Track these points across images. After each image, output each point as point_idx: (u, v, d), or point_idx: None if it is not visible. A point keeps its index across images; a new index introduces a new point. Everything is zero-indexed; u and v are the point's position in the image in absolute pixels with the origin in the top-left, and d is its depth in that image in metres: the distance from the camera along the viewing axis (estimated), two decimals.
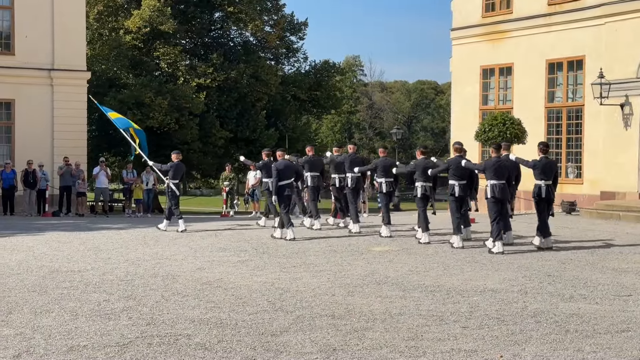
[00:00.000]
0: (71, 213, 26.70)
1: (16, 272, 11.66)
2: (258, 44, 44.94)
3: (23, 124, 29.50)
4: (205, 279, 11.10)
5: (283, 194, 16.66)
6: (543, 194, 14.87)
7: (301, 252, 14.34)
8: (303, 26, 46.43)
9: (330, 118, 75.54)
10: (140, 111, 35.91)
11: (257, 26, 42.62)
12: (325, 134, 79.94)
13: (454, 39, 28.99)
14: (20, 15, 29.46)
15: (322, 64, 46.57)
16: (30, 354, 6.79)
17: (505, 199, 14.74)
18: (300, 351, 6.98)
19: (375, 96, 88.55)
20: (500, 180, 14.41)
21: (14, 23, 29.52)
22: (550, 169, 15.02)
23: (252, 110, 41.39)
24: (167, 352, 6.90)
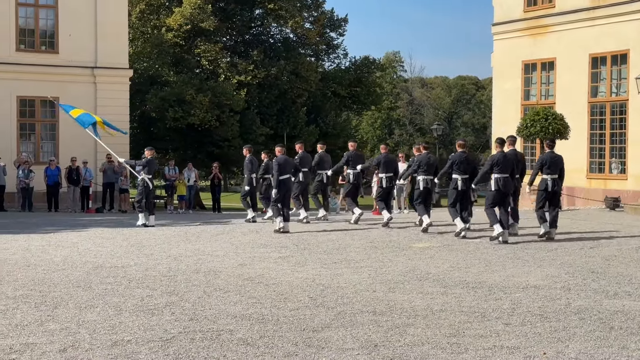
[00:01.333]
0: (114, 209, 27.00)
1: (61, 268, 11.82)
2: (298, 41, 45.02)
3: (67, 122, 29.85)
4: (246, 275, 11.15)
5: (283, 188, 17.30)
6: (549, 188, 15.37)
7: (342, 248, 14.35)
8: (343, 22, 46.40)
9: (370, 114, 75.38)
10: (182, 108, 36.18)
11: (297, 23, 42.69)
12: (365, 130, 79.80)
13: (495, 34, 28.76)
14: (64, 14, 29.86)
15: (362, 60, 46.49)
16: (75, 348, 6.88)
17: (509, 191, 15.31)
18: (342, 347, 6.99)
19: (415, 92, 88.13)
20: (504, 174, 15.08)
21: (57, 22, 29.92)
22: (556, 164, 15.48)
23: (292, 107, 41.48)
24: (209, 347, 6.95)
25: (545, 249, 13.84)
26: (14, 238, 16.12)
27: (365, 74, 45.84)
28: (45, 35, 30.26)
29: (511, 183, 15.27)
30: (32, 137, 30.23)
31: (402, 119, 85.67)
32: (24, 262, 12.42)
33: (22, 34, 29.79)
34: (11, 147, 28.57)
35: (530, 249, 13.88)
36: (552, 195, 15.51)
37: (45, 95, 29.47)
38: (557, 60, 26.52)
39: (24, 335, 7.35)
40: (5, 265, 12.04)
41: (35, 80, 29.35)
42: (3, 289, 9.90)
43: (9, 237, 16.39)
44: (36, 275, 11.05)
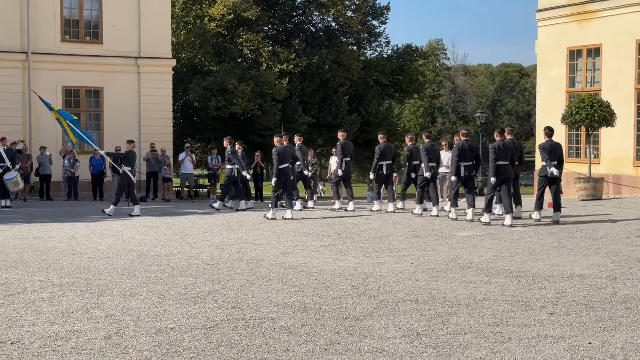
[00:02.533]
0: (158, 198, 27.23)
1: (106, 256, 11.96)
2: (340, 29, 44.90)
3: (111, 111, 30.23)
4: (288, 264, 11.18)
5: (283, 177, 17.89)
6: (549, 175, 16.18)
7: (384, 237, 14.31)
8: (385, 10, 46.17)
9: (413, 102, 74.98)
10: (224, 97, 36.33)
11: (339, 11, 42.58)
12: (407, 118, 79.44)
13: (539, 20, 28.37)
14: (108, 4, 30.12)
15: (405, 48, 46.26)
16: (120, 335, 6.95)
17: (509, 177, 16.09)
18: (384, 336, 6.97)
19: (458, 80, 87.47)
20: (504, 161, 15.94)
21: (102, 13, 30.19)
22: (555, 151, 16.32)
23: (334, 96, 41.42)
24: (252, 335, 6.97)
25: (590, 238, 13.66)
26: (60, 226, 16.35)
27: (407, 62, 45.62)
28: (89, 26, 30.56)
29: (511, 169, 16.11)
30: None
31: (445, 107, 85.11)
32: (70, 250, 12.59)
33: (67, 25, 30.12)
34: (57, 137, 28.93)
35: (575, 238, 13.71)
36: (553, 181, 16.25)
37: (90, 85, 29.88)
38: (603, 47, 26.09)
39: (69, 322, 7.44)
40: (52, 253, 12.21)
41: (80, 70, 29.69)
42: (49, 276, 10.04)
43: (55, 225, 16.63)
44: (81, 263, 11.20)
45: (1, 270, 10.50)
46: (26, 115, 29.03)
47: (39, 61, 29.17)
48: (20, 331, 7.06)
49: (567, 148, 25.82)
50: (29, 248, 12.87)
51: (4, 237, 14.33)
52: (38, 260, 11.51)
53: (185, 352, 6.40)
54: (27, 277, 9.94)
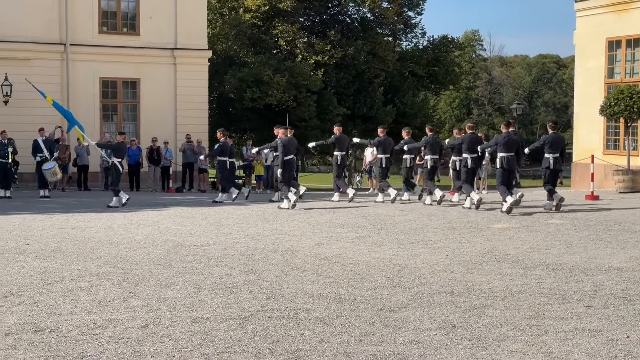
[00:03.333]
0: (193, 189, 27.40)
1: (142, 246, 12.06)
2: (375, 20, 44.76)
3: (148, 103, 30.44)
4: (323, 255, 11.19)
5: (288, 167, 18.38)
6: (551, 166, 16.83)
7: (419, 228, 14.26)
8: (421, 1, 45.94)
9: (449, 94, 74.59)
10: (259, 89, 36.41)
11: (374, 2, 42.43)
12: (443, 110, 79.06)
13: (578, 11, 28.04)
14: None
15: (441, 39, 45.99)
16: (156, 324, 7.01)
17: (513, 168, 17.11)
18: (419, 327, 6.96)
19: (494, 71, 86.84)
20: (509, 153, 16.68)
21: (138, 4, 30.39)
22: (558, 144, 16.96)
23: (369, 87, 41.32)
24: (287, 325, 7.00)
25: (628, 231, 13.50)
26: (97, 217, 16.52)
27: (443, 53, 45.35)
28: (126, 18, 30.78)
29: (515, 161, 16.99)
30: (114, 118, 30.85)
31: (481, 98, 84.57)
32: (107, 240, 12.71)
33: (104, 17, 30.36)
34: (94, 127, 29.20)
35: (613, 231, 13.56)
36: (555, 172, 17.05)
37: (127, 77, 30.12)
38: None
39: (107, 311, 7.52)
40: (89, 243, 12.34)
41: (117, 61, 29.93)
42: (87, 266, 10.15)
43: (93, 215, 16.80)
44: (118, 253, 11.30)
45: (40, 259, 10.64)
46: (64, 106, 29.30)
47: (76, 52, 29.46)
48: (58, 319, 7.15)
49: (605, 140, 25.55)
50: (67, 237, 13.02)
51: (42, 227, 14.51)
52: (76, 249, 11.64)
53: (221, 342, 6.43)
54: (66, 266, 10.06)
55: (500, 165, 16.75)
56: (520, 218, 15.63)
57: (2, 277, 9.27)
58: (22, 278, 9.21)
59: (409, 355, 6.11)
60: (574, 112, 28.23)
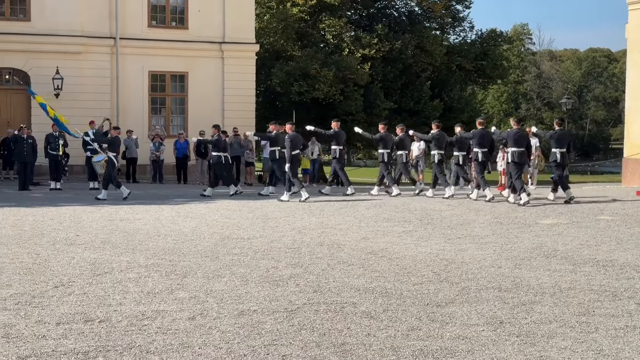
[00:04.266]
0: (240, 182, 27.50)
1: (190, 239, 12.15)
2: (423, 14, 44.48)
3: (195, 96, 30.66)
4: (370, 249, 11.17)
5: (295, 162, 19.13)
6: (559, 160, 17.59)
7: (466, 223, 14.17)
8: None
9: (497, 88, 73.90)
10: (306, 82, 36.41)
11: None
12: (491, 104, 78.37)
13: (630, 4, 27.56)
14: None
15: (489, 32, 45.52)
16: (204, 316, 7.06)
17: (524, 162, 17.82)
18: (466, 323, 6.91)
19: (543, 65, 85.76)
20: (520, 148, 17.45)
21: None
22: (564, 139, 17.82)
23: (416, 81, 41.07)
24: (333, 319, 7.00)
25: None
26: (145, 209, 16.69)
27: (491, 47, 44.87)
28: (175, 12, 31.03)
29: (526, 156, 17.83)
30: (163, 111, 31.14)
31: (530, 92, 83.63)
32: (155, 232, 12.84)
33: (153, 11, 30.64)
34: (143, 120, 29.55)
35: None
36: (562, 166, 17.82)
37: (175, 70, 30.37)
38: None
39: (155, 302, 7.60)
40: (138, 235, 12.47)
41: (166, 55, 30.22)
42: (136, 257, 10.26)
43: (141, 207, 16.98)
44: (166, 245, 11.41)
45: (90, 251, 10.79)
46: (114, 100, 29.69)
47: (126, 46, 29.78)
48: (108, 310, 7.24)
49: None
50: (116, 229, 13.18)
51: (92, 219, 14.71)
52: (125, 241, 11.78)
53: (268, 335, 6.46)
54: (115, 258, 10.19)
55: (512, 159, 17.46)
56: (570, 214, 15.43)
57: (53, 267, 9.42)
58: (72, 269, 9.34)
59: (457, 351, 6.07)
60: (626, 107, 27.75)
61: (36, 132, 25.27)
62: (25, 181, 22.33)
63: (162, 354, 5.90)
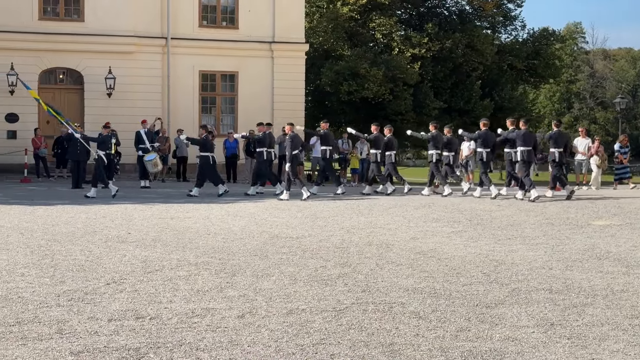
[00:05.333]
0: None
1: (239, 237, 12.23)
2: (474, 13, 44.14)
3: (245, 95, 30.86)
4: (418, 249, 11.13)
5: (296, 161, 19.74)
6: (557, 159, 18.82)
7: (516, 224, 14.04)
8: None
9: (549, 88, 72.96)
10: (356, 82, 36.39)
11: None
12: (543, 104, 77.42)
13: None
14: None
15: (541, 31, 45.00)
16: (253, 315, 7.10)
17: (532, 161, 19.06)
18: (516, 324, 6.84)
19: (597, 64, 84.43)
20: (527, 147, 18.52)
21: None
22: (562, 139, 19.17)
23: (466, 81, 40.79)
24: (381, 319, 6.99)
25: None
26: (195, 207, 16.83)
27: (543, 45, 44.33)
28: (226, 12, 31.27)
29: (533, 154, 18.83)
30: (213, 110, 31.40)
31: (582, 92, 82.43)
32: (205, 231, 12.95)
33: (204, 11, 30.93)
34: (193, 120, 29.83)
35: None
36: (560, 164, 19.05)
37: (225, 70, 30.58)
38: None
39: (204, 300, 7.66)
40: (188, 233, 12.59)
41: (216, 55, 30.47)
42: (186, 255, 10.36)
43: (191, 206, 17.14)
44: (216, 244, 11.49)
45: (141, 249, 10.92)
46: (165, 99, 30.01)
47: (177, 46, 30.11)
48: (158, 307, 7.32)
49: None
50: (167, 227, 13.32)
51: (143, 217, 14.89)
52: (175, 239, 11.89)
53: (316, 334, 6.47)
54: (165, 256, 10.29)
55: (522, 158, 18.54)
56: (623, 215, 15.20)
57: (105, 264, 9.56)
58: (124, 266, 9.47)
59: (506, 353, 6.02)
60: None
61: (89, 131, 25.70)
62: (78, 179, 22.69)
63: (211, 351, 5.94)
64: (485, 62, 41.07)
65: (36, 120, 28.82)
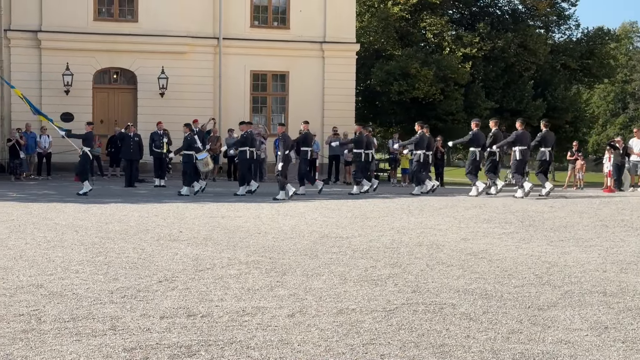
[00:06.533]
0: (339, 181, 27.62)
1: (289, 236, 12.27)
2: (527, 12, 43.67)
3: (296, 95, 30.98)
4: (469, 250, 11.05)
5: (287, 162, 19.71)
6: (547, 158, 20.11)
7: (569, 226, 13.85)
8: None
9: (603, 87, 71.91)
10: (406, 82, 36.24)
11: None
12: (597, 104, 76.31)
13: None
14: None
15: (596, 31, 44.35)
16: (303, 314, 7.12)
17: (527, 159, 20.49)
18: (569, 327, 6.76)
19: None
20: (524, 146, 19.75)
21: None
22: (550, 140, 20.38)
23: (518, 81, 40.37)
24: (432, 320, 6.95)
25: None
26: (246, 206, 16.94)
27: (598, 45, 43.68)
28: (277, 12, 31.43)
29: (528, 153, 20.39)
30: (264, 110, 31.57)
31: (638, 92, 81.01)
32: (255, 230, 13.02)
33: (256, 11, 31.12)
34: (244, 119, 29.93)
35: None
36: (548, 164, 20.55)
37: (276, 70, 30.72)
38: None
39: (255, 299, 7.70)
40: (239, 232, 12.67)
41: (267, 55, 30.64)
42: (236, 254, 10.42)
43: (242, 205, 17.25)
44: (266, 243, 11.55)
45: (192, 247, 11.02)
46: (216, 99, 30.26)
47: (229, 46, 30.36)
48: (209, 305, 7.38)
49: None
50: (218, 226, 13.42)
51: (194, 215, 15.02)
52: (226, 238, 11.98)
53: (366, 334, 6.46)
54: (216, 254, 10.37)
55: (521, 157, 19.83)
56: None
57: (157, 262, 9.66)
58: (175, 264, 9.56)
59: (559, 355, 5.94)
60: None
61: (142, 130, 26.04)
62: (131, 178, 23.00)
63: (262, 349, 5.97)
64: (538, 62, 40.62)
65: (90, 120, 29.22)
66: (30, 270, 9.00)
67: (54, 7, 29.08)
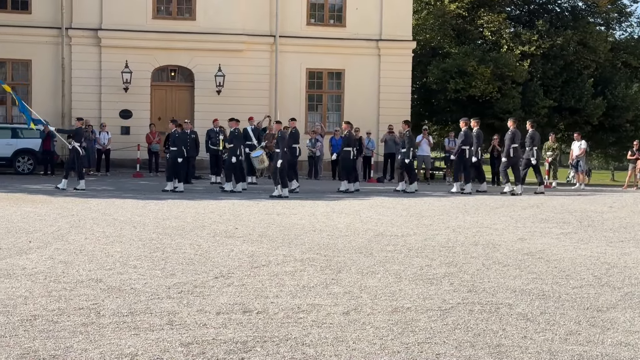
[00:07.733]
0: (394, 179, 27.50)
1: (344, 234, 12.27)
2: (587, 9, 42.96)
3: (351, 93, 30.95)
4: (526, 250, 10.93)
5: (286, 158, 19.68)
6: (535, 156, 21.18)
7: (630, 226, 13.61)
8: None
9: None
10: (463, 80, 35.93)
11: None
12: None
13: None
14: None
15: None
16: (358, 312, 7.11)
17: (519, 157, 21.10)
18: (629, 329, 6.64)
19: None
20: (515, 144, 20.55)
21: None
22: (537, 139, 21.53)
23: (578, 79, 39.73)
24: (488, 319, 6.89)
25: None
26: (301, 204, 17.00)
27: None
28: (333, 9, 31.42)
29: (521, 152, 21.11)
30: (319, 108, 31.60)
31: None
32: (310, 227, 13.05)
33: (312, 9, 31.17)
34: (300, 117, 30.01)
35: None
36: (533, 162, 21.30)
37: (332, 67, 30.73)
38: None
39: (310, 296, 7.72)
40: (294, 230, 12.71)
41: (323, 52, 30.67)
42: (292, 251, 10.46)
43: (297, 202, 17.31)
44: (321, 240, 11.57)
45: (248, 244, 11.09)
46: (272, 96, 30.40)
47: (285, 44, 30.46)
48: (265, 302, 7.42)
49: None
50: (273, 223, 13.48)
51: (250, 212, 15.12)
52: (281, 235, 12.03)
53: (421, 333, 6.43)
54: (272, 251, 10.42)
55: (515, 154, 20.63)
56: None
57: (213, 259, 9.75)
58: (231, 261, 9.63)
59: (618, 358, 5.84)
60: None
61: (198, 127, 26.31)
62: (188, 175, 23.22)
63: (317, 347, 5.98)
64: (597, 60, 39.93)
65: (148, 117, 29.64)
66: (90, 265, 9.16)
67: (113, 5, 29.51)
